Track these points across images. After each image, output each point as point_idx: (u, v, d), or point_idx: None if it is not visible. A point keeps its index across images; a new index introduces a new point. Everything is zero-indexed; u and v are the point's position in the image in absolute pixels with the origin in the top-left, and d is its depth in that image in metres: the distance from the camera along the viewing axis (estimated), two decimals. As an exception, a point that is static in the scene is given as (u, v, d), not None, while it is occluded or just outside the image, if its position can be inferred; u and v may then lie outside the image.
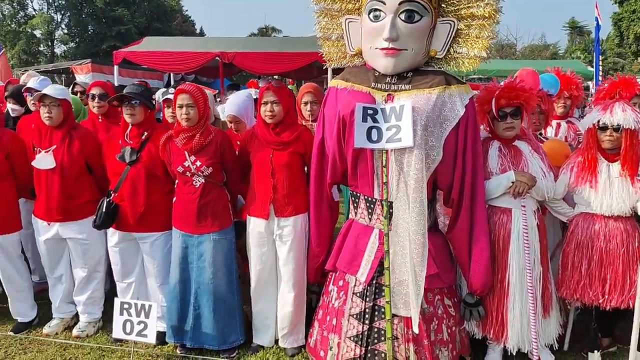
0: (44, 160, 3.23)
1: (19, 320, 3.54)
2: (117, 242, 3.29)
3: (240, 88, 8.72)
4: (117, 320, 3.07)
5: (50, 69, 18.20)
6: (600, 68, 10.88)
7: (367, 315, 2.80)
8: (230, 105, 3.62)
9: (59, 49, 31.73)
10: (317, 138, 3.01)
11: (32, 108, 3.93)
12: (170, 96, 3.49)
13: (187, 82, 3.26)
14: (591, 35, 31.24)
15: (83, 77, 14.19)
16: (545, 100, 3.52)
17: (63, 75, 18.55)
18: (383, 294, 2.78)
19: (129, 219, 3.18)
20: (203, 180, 3.07)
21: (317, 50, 3.04)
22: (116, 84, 12.19)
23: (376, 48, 2.71)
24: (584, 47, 30.21)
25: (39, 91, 3.78)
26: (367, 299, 2.81)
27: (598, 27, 10.89)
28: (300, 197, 3.11)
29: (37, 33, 30.65)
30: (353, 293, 2.87)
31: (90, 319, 3.51)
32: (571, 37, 36.89)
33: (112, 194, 3.20)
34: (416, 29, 2.64)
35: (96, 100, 3.77)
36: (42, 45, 31.11)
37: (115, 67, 11.86)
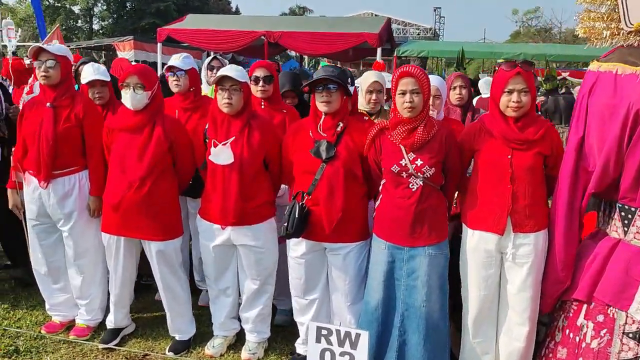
0: (221, 154, 2.69)
1: (177, 338, 3.03)
2: (303, 253, 2.75)
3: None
4: (313, 348, 2.54)
5: (92, 45, 17.91)
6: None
7: (647, 363, 2.24)
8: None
9: (96, 26, 31.39)
10: (574, 136, 2.42)
11: (174, 89, 3.37)
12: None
13: (410, 64, 2.66)
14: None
15: (125, 54, 13.86)
16: None
17: (104, 52, 18.09)
18: (671, 337, 2.21)
19: (324, 227, 2.63)
20: (421, 183, 2.51)
21: (365, 30, 2.45)
22: (159, 62, 11.79)
23: None
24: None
25: (182, 70, 3.26)
26: (648, 342, 2.24)
27: None
28: (542, 208, 2.52)
29: (76, 9, 30.37)
30: (623, 333, 2.30)
31: (259, 338, 3.00)
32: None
33: (305, 197, 2.65)
34: None
35: (260, 83, 3.17)
36: (80, 21, 30.81)
37: (159, 45, 11.88)
